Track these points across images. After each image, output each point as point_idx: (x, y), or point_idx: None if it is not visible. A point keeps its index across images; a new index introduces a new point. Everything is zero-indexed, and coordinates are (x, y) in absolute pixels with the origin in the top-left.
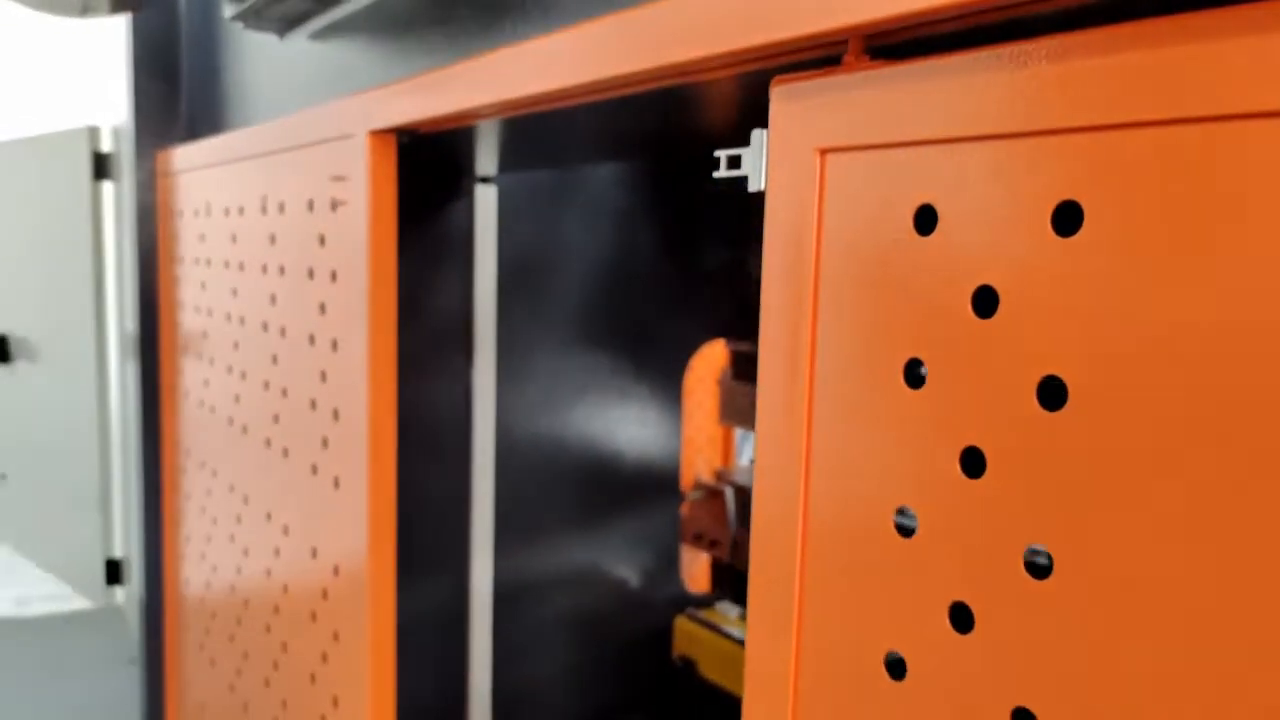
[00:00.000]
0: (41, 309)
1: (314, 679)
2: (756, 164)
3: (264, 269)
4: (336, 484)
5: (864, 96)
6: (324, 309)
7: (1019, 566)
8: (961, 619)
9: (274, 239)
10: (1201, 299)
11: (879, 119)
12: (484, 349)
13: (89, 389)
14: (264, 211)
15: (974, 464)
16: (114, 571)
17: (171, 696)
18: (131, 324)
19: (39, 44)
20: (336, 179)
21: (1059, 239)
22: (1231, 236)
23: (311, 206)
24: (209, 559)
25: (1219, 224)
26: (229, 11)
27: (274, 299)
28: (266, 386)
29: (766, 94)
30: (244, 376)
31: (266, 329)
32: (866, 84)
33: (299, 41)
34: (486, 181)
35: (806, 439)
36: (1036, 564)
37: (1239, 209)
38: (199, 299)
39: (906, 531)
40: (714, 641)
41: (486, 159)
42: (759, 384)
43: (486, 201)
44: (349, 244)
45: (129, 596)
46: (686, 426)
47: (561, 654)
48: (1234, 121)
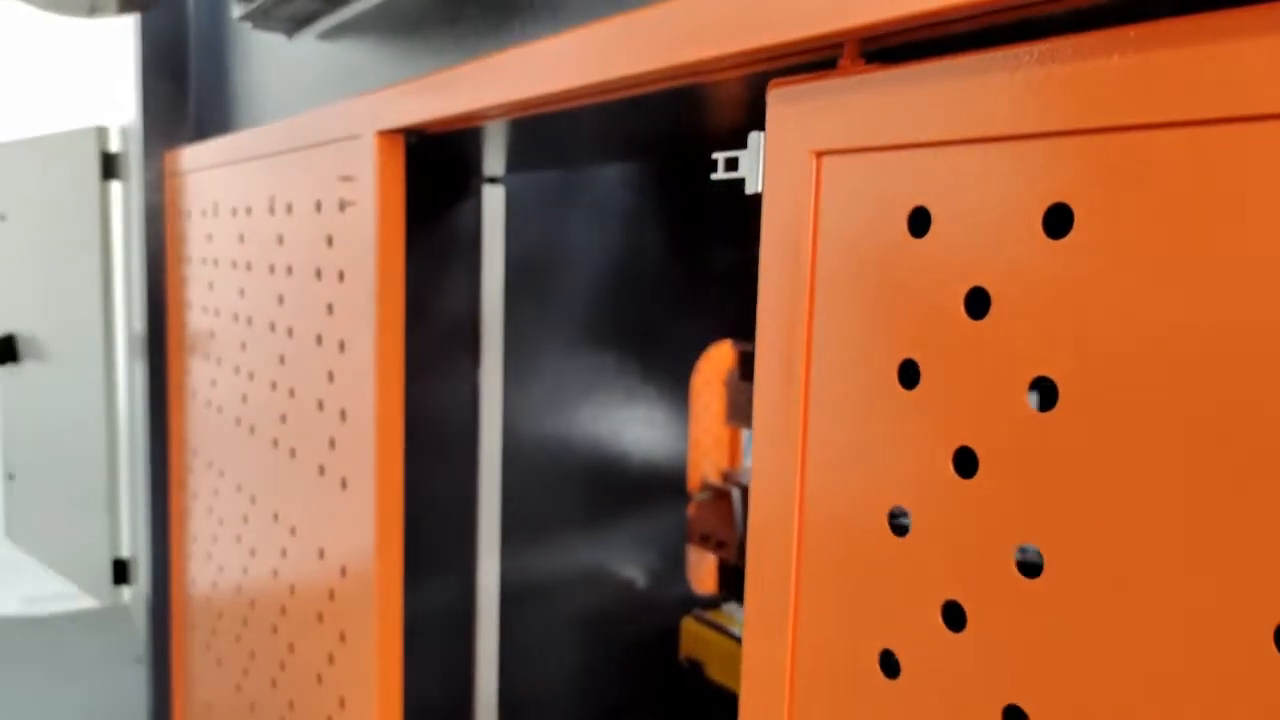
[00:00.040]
0: (49, 309)
1: (320, 680)
2: (754, 166)
3: (271, 269)
4: (344, 484)
5: (859, 100)
6: (331, 309)
7: (1010, 566)
8: (954, 618)
9: (281, 239)
10: (1190, 301)
11: (874, 122)
12: (491, 349)
13: (96, 388)
14: (272, 212)
15: (966, 464)
16: (121, 571)
17: (178, 696)
18: (139, 324)
19: (47, 44)
20: (344, 179)
21: (1049, 241)
22: (1220, 239)
23: (319, 207)
24: (216, 559)
25: (1208, 227)
26: (237, 11)
27: (281, 299)
28: (274, 387)
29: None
30: (251, 377)
31: (274, 329)
32: (861, 87)
33: (307, 42)
34: (494, 182)
35: (802, 439)
36: (1027, 563)
37: (1228, 212)
38: (206, 299)
39: (901, 531)
40: (721, 643)
41: (494, 159)
42: (755, 385)
43: (494, 202)
44: (357, 244)
45: (136, 596)
46: (693, 427)
47: (568, 655)
48: (1223, 125)
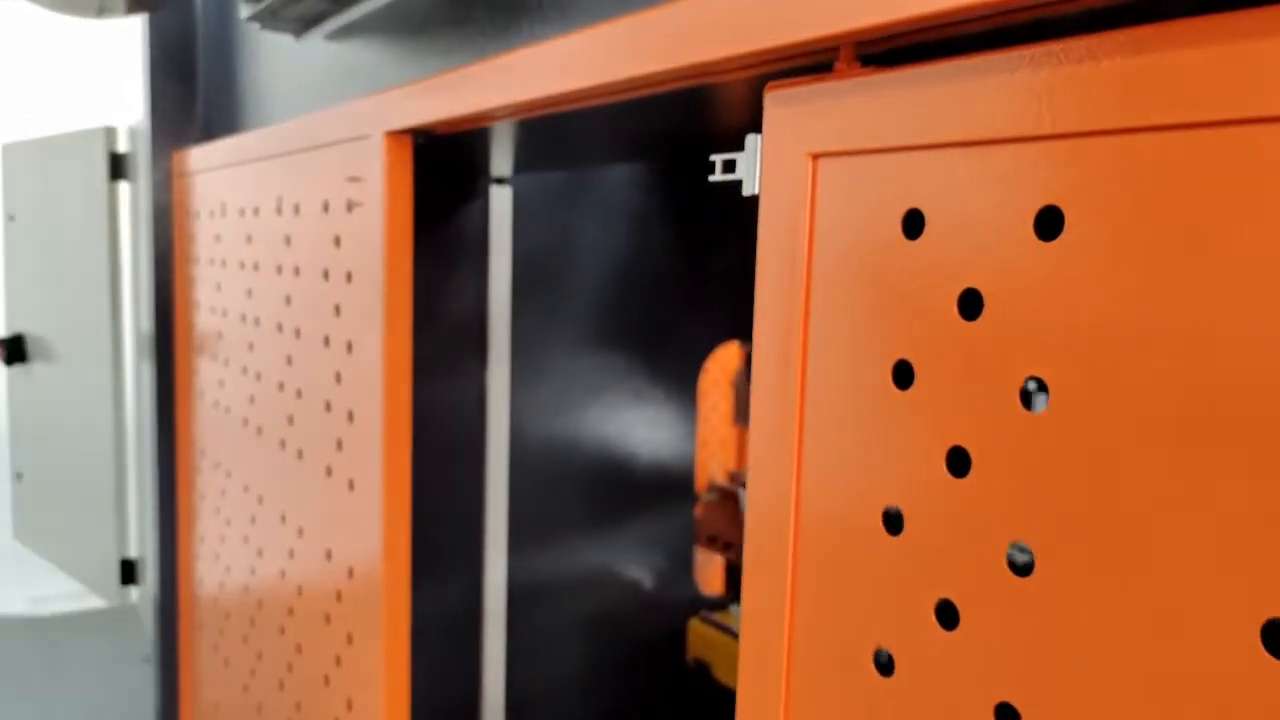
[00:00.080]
0: (57, 309)
1: (328, 681)
2: (751, 168)
3: (279, 270)
4: (351, 486)
5: (854, 103)
6: (339, 310)
7: (1002, 564)
8: (947, 616)
9: (289, 240)
10: (1177, 303)
11: (869, 125)
12: (498, 350)
13: (104, 389)
14: (279, 212)
15: (959, 463)
16: (129, 571)
17: (186, 696)
18: (147, 324)
19: (55, 44)
20: (352, 180)
21: (1040, 243)
22: (1207, 242)
23: (327, 207)
24: (223, 559)
25: (1195, 230)
26: (245, 12)
27: (289, 300)
28: (281, 388)
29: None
30: (259, 377)
31: (281, 330)
32: (857, 90)
33: (315, 42)
34: (501, 182)
35: (798, 438)
36: (1018, 561)
37: (1215, 215)
38: (214, 300)
39: (895, 529)
40: (729, 644)
41: (501, 160)
42: (752, 384)
43: (501, 202)
44: (364, 245)
45: (143, 596)
46: (701, 428)
47: (575, 656)
48: (1209, 129)
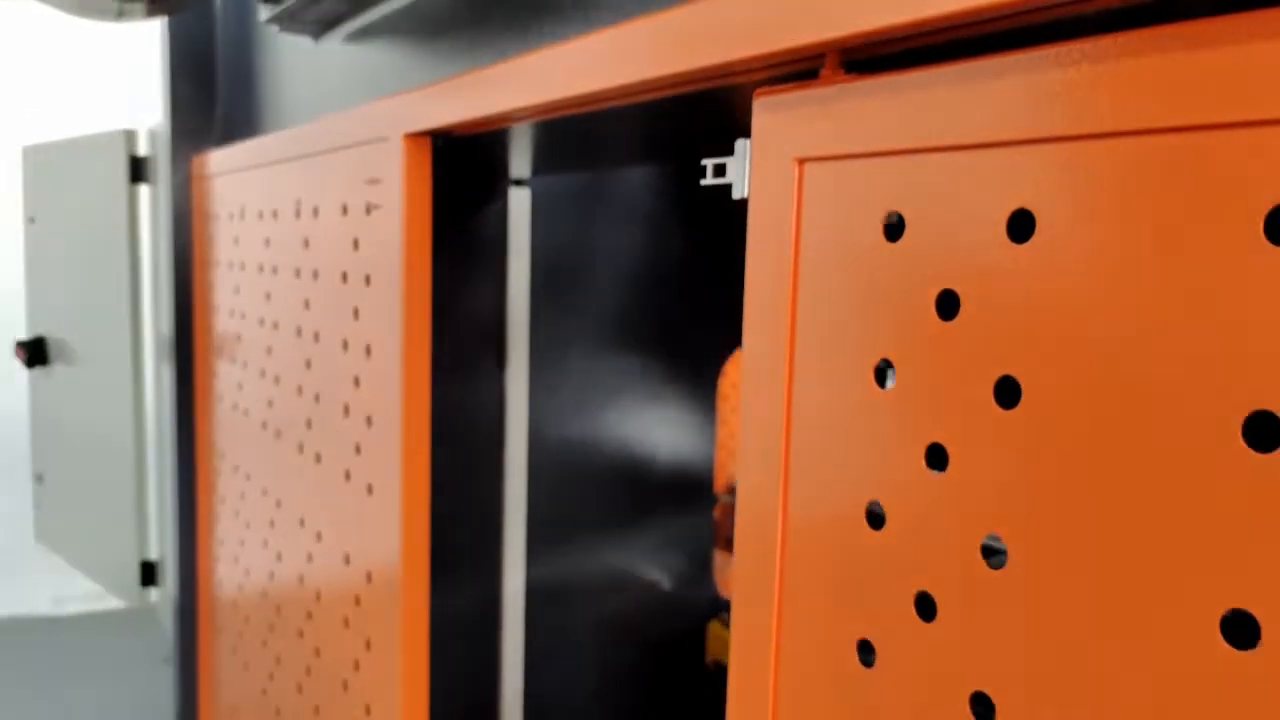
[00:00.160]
0: (78, 312)
1: (346, 686)
2: (740, 172)
3: (298, 273)
4: (370, 490)
5: (839, 109)
6: (358, 314)
7: (978, 557)
8: (926, 608)
9: (308, 243)
10: (1142, 302)
11: (853, 130)
12: (517, 352)
13: (124, 391)
14: (298, 215)
15: (938, 459)
16: (149, 573)
17: (205, 698)
18: (167, 327)
19: (75, 48)
20: (371, 182)
21: (1013, 245)
22: (1170, 242)
23: (346, 210)
24: (242, 562)
25: (1163, 231)
26: (264, 15)
27: (308, 303)
28: (300, 391)
29: None
30: (277, 381)
31: (300, 333)
32: (842, 97)
33: (334, 44)
34: (520, 184)
35: (785, 436)
36: (994, 555)
37: (1183, 217)
38: (233, 303)
39: (877, 525)
40: None
41: (520, 162)
42: (742, 384)
43: (520, 204)
44: (383, 248)
45: (163, 597)
46: (720, 430)
47: (594, 658)
48: (1179, 133)
